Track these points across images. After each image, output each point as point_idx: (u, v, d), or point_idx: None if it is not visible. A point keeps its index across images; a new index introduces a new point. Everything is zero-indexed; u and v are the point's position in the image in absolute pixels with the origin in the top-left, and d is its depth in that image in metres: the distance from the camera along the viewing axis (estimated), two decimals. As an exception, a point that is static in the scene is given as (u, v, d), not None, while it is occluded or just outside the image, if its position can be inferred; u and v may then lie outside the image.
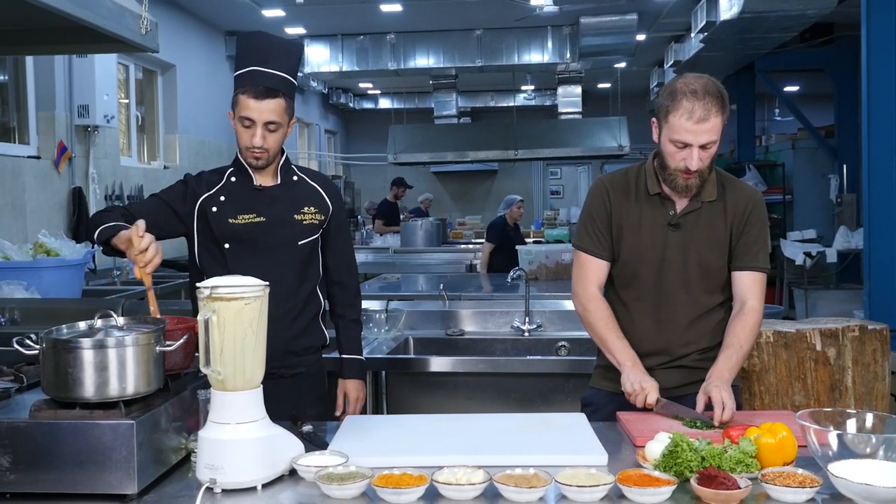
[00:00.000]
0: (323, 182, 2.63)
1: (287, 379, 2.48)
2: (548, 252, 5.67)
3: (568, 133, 9.59)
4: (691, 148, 2.22)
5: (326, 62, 9.51)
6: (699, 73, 2.29)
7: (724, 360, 2.26)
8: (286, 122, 2.44)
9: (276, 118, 2.39)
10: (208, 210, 2.48)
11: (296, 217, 2.51)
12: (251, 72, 2.39)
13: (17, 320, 3.81)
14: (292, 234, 2.50)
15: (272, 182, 2.53)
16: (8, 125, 5.69)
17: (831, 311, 7.66)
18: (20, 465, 1.69)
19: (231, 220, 2.46)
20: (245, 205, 2.48)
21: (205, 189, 2.51)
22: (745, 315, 2.33)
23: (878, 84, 4.53)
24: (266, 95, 2.37)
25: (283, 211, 2.50)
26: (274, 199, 2.50)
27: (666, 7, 8.47)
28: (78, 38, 3.38)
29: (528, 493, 1.66)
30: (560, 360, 3.55)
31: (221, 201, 2.48)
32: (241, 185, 2.50)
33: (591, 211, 2.44)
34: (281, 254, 2.48)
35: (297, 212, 2.52)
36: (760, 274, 2.38)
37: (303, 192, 2.55)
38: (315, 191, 2.58)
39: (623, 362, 2.31)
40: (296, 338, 2.51)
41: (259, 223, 2.47)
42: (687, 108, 2.19)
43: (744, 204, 2.38)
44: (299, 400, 2.47)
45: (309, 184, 2.58)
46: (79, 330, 1.85)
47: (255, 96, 2.37)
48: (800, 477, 1.70)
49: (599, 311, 2.39)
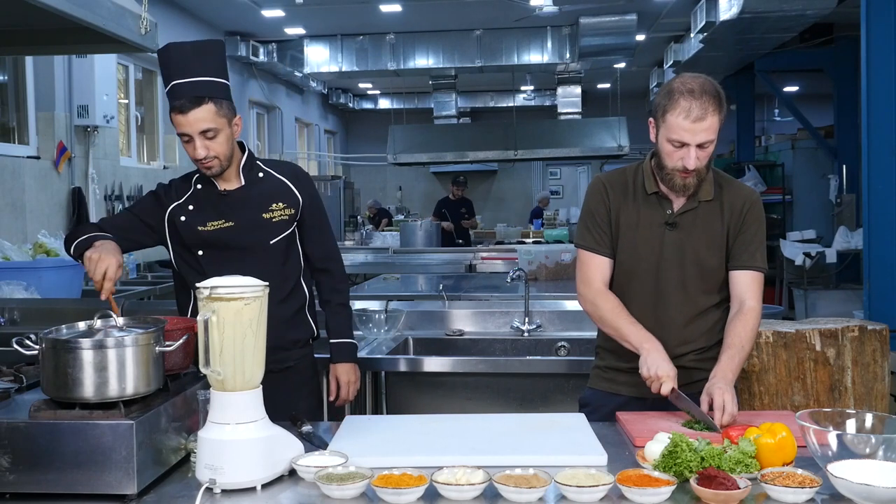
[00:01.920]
0: (291, 174, 2.60)
1: (277, 373, 2.46)
2: (548, 252, 5.67)
3: (567, 133, 9.59)
4: (689, 147, 2.22)
5: (326, 62, 9.52)
6: (696, 73, 2.29)
7: (726, 361, 2.25)
8: (225, 124, 2.40)
9: (209, 125, 2.36)
10: (177, 220, 2.49)
11: (264, 216, 2.51)
12: (172, 87, 2.37)
13: (16, 320, 3.81)
14: (263, 234, 2.51)
15: (237, 184, 2.51)
16: (8, 125, 5.69)
17: (831, 312, 7.66)
18: (20, 466, 1.69)
19: (200, 228, 2.48)
20: (212, 211, 2.49)
21: (174, 198, 2.52)
22: (744, 315, 2.32)
23: (877, 84, 4.53)
24: (192, 106, 2.33)
25: (251, 213, 2.50)
26: (240, 201, 2.50)
27: (666, 7, 8.47)
28: (78, 38, 3.38)
29: (528, 493, 1.66)
30: (560, 361, 3.54)
31: (190, 210, 2.49)
32: (207, 192, 2.51)
33: (591, 209, 2.44)
34: (255, 255, 2.48)
35: (265, 211, 2.51)
36: (758, 273, 2.37)
37: (269, 188, 2.54)
38: (283, 184, 2.56)
39: (641, 344, 2.27)
40: (282, 332, 2.49)
41: (228, 228, 2.48)
42: (684, 108, 2.19)
43: (741, 203, 2.38)
44: (291, 394, 2.49)
45: (276, 178, 2.56)
46: (78, 330, 1.85)
47: (181, 110, 2.34)
48: (799, 477, 1.70)
49: (608, 303, 2.37)
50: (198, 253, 2.49)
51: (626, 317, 2.34)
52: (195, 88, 2.34)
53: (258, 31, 9.37)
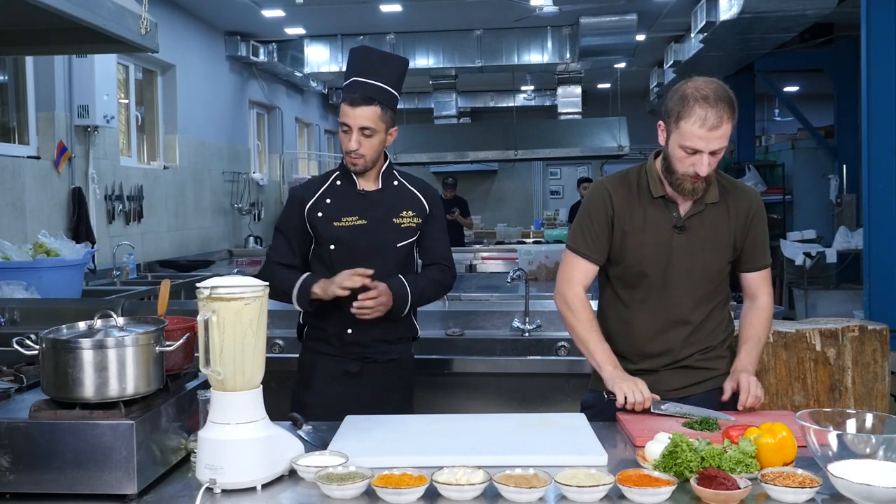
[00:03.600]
0: (422, 187, 2.79)
1: (381, 364, 2.70)
2: (548, 252, 5.67)
3: (568, 133, 9.58)
4: (701, 154, 2.20)
5: (326, 62, 9.50)
6: (708, 77, 2.27)
7: (745, 354, 2.35)
8: (383, 129, 2.62)
9: (370, 124, 2.58)
10: (314, 214, 2.67)
11: (395, 221, 2.68)
12: (351, 82, 2.61)
13: (16, 320, 3.81)
14: (392, 237, 2.67)
15: (374, 187, 2.70)
16: (8, 125, 5.69)
17: (831, 312, 7.66)
18: (20, 465, 1.69)
19: (335, 223, 2.65)
20: (348, 208, 2.66)
21: (311, 194, 2.69)
22: (760, 310, 2.42)
23: (878, 84, 4.53)
24: (361, 103, 2.57)
25: (384, 214, 2.67)
26: (375, 203, 2.67)
27: (666, 7, 8.46)
28: (78, 38, 3.38)
29: (528, 493, 1.66)
30: (560, 361, 3.54)
31: (327, 203, 2.67)
32: (346, 188, 2.69)
33: (591, 214, 2.42)
34: (381, 255, 2.65)
35: (396, 216, 2.68)
36: (768, 269, 2.47)
37: (402, 196, 2.72)
38: (413, 195, 2.74)
39: (603, 365, 2.33)
40: (390, 328, 2.68)
41: (361, 226, 2.66)
42: (700, 116, 2.17)
43: (746, 206, 2.39)
44: (386, 384, 2.70)
45: (408, 189, 2.75)
46: (78, 330, 1.84)
47: (351, 103, 2.58)
48: (799, 477, 1.70)
49: (583, 314, 2.40)
50: (330, 248, 2.66)
51: (598, 333, 2.39)
52: (370, 90, 2.58)
53: (258, 31, 9.35)
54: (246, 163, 9.90)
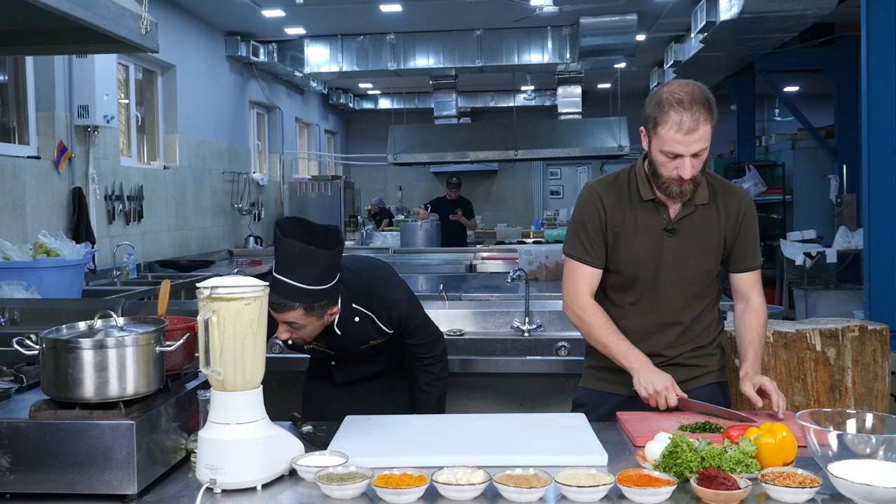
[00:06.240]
0: (385, 314, 2.53)
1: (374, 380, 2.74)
2: (548, 252, 5.67)
3: (568, 133, 9.58)
4: (683, 158, 2.21)
5: (326, 62, 9.50)
6: (684, 80, 2.28)
7: (752, 356, 2.36)
8: (315, 317, 2.32)
9: (296, 321, 2.29)
10: None
11: (362, 347, 2.60)
12: (271, 278, 2.24)
13: (17, 320, 3.81)
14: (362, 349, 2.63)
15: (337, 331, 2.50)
16: (8, 125, 5.69)
17: (831, 312, 7.66)
18: (20, 465, 1.69)
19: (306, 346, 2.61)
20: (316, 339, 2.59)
21: None
22: (755, 311, 2.42)
23: (878, 84, 4.52)
24: (280, 309, 2.24)
25: (349, 348, 2.60)
26: (342, 339, 2.54)
27: (666, 7, 8.46)
28: (78, 38, 3.38)
29: (528, 493, 1.66)
30: (560, 361, 3.54)
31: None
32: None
33: (584, 218, 2.41)
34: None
35: (364, 343, 2.59)
36: (758, 270, 2.47)
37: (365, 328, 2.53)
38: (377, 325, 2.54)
39: (632, 365, 2.31)
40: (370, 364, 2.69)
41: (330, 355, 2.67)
42: (675, 120, 2.18)
43: (736, 207, 2.39)
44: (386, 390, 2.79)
45: (369, 317, 2.51)
46: (79, 330, 1.85)
47: (271, 307, 2.14)
48: (800, 477, 1.70)
49: (597, 318, 2.39)
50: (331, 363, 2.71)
51: (616, 333, 2.36)
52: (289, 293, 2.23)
53: (258, 31, 9.36)
54: (246, 163, 9.90)
